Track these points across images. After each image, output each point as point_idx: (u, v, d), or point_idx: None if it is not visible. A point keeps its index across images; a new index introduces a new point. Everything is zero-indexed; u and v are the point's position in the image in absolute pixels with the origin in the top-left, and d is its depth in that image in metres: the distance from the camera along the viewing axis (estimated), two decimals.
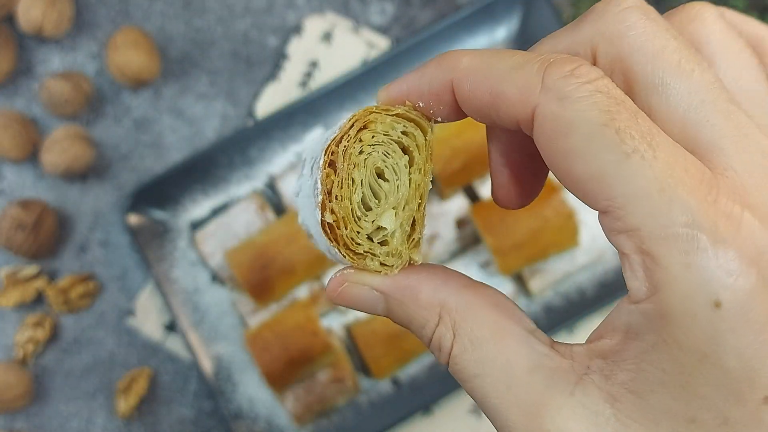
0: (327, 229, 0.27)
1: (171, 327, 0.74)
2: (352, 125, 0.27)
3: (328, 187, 0.27)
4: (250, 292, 0.69)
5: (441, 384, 0.71)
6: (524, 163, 0.30)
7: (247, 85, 0.77)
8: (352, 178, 0.27)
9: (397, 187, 0.28)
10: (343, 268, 0.29)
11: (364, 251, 0.28)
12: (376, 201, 0.28)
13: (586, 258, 0.71)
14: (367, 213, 0.28)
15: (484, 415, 0.33)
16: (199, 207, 0.74)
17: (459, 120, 0.29)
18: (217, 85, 0.77)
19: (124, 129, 0.77)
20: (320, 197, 0.27)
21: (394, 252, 0.28)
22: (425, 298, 0.28)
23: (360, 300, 0.29)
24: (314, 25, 0.76)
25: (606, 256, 0.72)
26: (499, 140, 0.30)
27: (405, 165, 0.28)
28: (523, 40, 0.74)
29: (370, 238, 0.28)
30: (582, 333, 0.74)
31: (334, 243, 0.27)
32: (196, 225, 0.74)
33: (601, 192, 0.23)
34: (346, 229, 0.27)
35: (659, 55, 0.25)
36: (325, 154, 0.27)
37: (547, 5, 0.73)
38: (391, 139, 0.28)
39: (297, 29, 0.77)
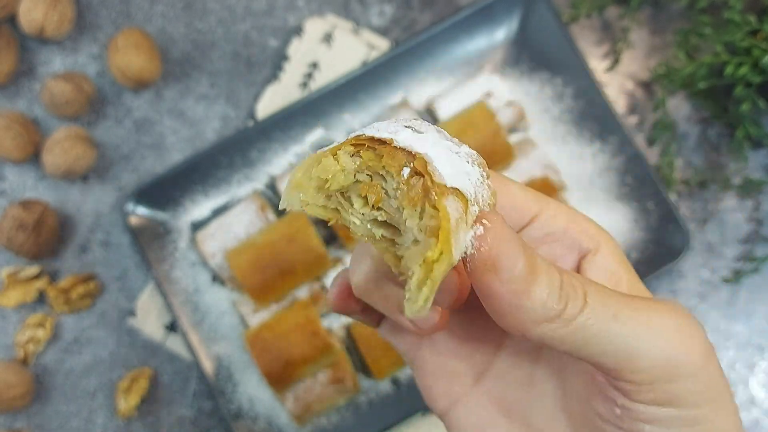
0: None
1: (171, 327, 0.74)
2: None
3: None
4: (251, 293, 0.69)
5: None
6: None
7: (247, 87, 0.77)
8: None
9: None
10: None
11: None
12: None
13: None
14: None
15: None
16: (199, 208, 0.74)
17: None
18: (217, 87, 0.77)
19: (125, 130, 0.77)
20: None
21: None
22: None
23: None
24: (314, 27, 0.76)
25: None
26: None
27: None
28: (523, 42, 0.74)
29: None
30: None
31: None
32: (197, 225, 0.74)
33: None
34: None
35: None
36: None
37: (547, 7, 0.73)
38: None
39: (297, 31, 0.78)
